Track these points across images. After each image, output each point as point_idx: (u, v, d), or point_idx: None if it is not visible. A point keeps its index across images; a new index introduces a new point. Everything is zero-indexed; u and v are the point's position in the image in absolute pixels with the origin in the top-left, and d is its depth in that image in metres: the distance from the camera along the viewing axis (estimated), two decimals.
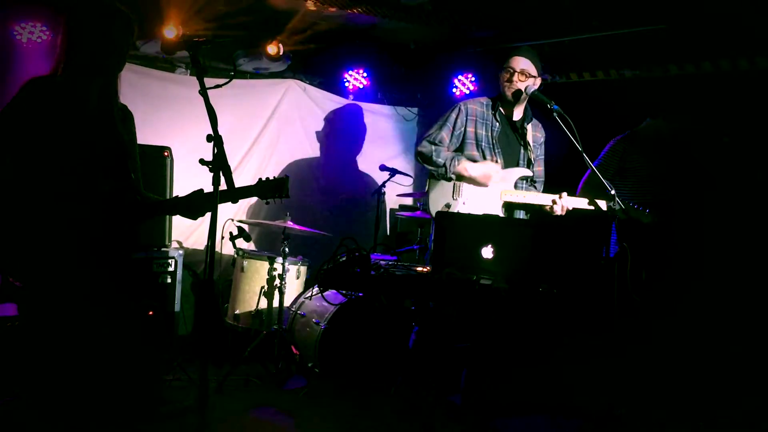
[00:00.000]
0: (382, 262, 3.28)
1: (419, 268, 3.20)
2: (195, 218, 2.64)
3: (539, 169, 3.96)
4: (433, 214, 3.75)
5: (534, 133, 3.97)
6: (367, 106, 6.55)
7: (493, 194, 3.77)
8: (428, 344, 3.63)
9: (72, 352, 2.28)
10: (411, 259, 5.22)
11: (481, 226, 3.13)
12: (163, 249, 4.56)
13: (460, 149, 3.86)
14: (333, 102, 6.38)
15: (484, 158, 3.82)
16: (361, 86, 6.30)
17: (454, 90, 6.10)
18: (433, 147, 3.79)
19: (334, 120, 6.38)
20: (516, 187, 3.83)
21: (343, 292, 4.15)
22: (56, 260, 2.24)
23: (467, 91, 6.06)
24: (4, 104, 2.36)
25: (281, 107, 6.07)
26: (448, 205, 3.76)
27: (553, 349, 4.10)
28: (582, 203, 3.69)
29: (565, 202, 3.66)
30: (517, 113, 3.92)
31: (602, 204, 3.66)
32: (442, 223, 3.03)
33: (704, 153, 4.33)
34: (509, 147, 3.89)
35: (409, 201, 6.27)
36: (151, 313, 4.26)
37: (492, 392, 3.70)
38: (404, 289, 3.21)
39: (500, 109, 3.89)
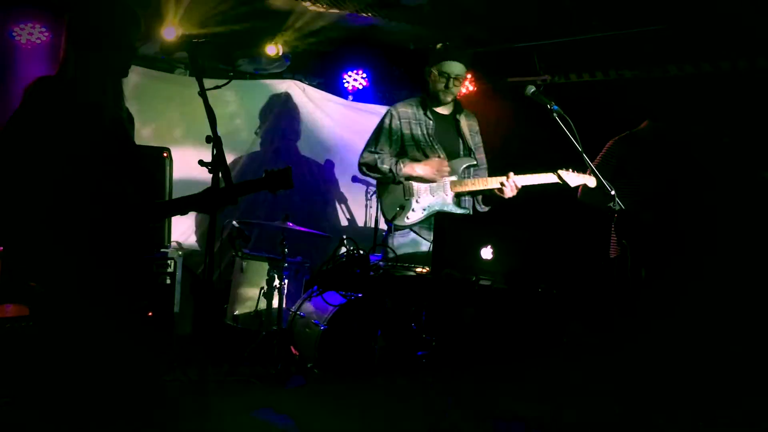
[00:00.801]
0: (381, 263, 3.28)
1: (419, 269, 3.20)
2: (212, 212, 2.61)
3: (481, 156, 4.04)
4: (389, 218, 3.80)
5: (469, 123, 4.05)
6: (366, 107, 6.55)
7: (443, 188, 3.83)
8: (425, 343, 3.63)
9: (81, 353, 2.27)
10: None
11: (480, 227, 3.14)
12: (162, 250, 4.56)
13: (402, 153, 3.92)
14: (332, 103, 6.38)
15: (426, 156, 3.87)
16: (360, 87, 6.30)
17: None
18: (376, 155, 3.87)
19: (333, 121, 6.37)
20: (462, 176, 3.89)
21: (343, 292, 4.17)
22: (75, 263, 2.23)
23: (466, 92, 6.05)
24: (3, 103, 2.34)
25: (280, 108, 6.07)
26: (402, 206, 3.82)
27: (553, 349, 4.10)
28: (532, 179, 3.75)
29: (514, 181, 3.72)
30: (447, 108, 4.01)
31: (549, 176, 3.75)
32: (442, 225, 3.03)
33: (704, 153, 4.32)
34: (448, 141, 3.96)
35: None
36: (150, 314, 4.26)
37: (490, 392, 3.70)
38: (403, 290, 3.21)
39: (430, 107, 3.97)
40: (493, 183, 3.78)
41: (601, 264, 4.20)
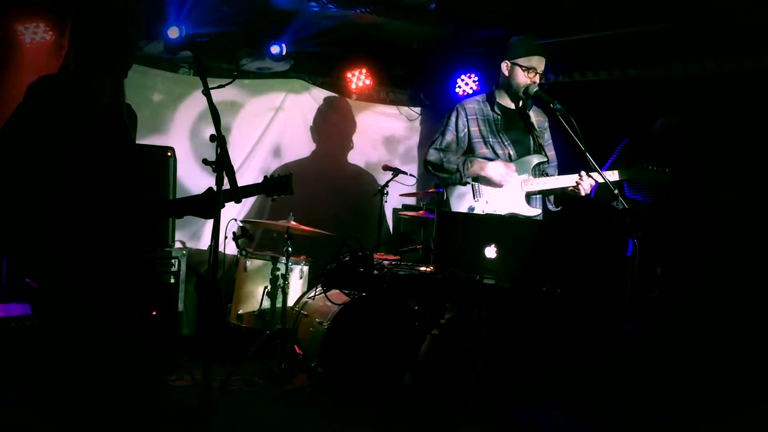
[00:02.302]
0: (386, 262, 3.28)
1: (422, 268, 3.19)
2: (208, 217, 2.62)
3: (551, 153, 3.93)
4: None
5: (537, 118, 3.94)
6: (370, 106, 6.55)
7: (514, 186, 3.74)
8: (434, 345, 3.63)
9: (82, 352, 2.27)
10: (414, 258, 5.21)
11: (484, 225, 3.13)
12: (166, 249, 4.56)
13: (469, 150, 3.83)
14: (336, 102, 6.38)
15: (495, 154, 3.78)
16: (364, 86, 6.30)
17: (457, 89, 6.09)
18: (442, 154, 3.76)
19: (337, 120, 6.38)
20: (533, 174, 3.80)
21: (347, 291, 4.17)
22: (71, 261, 2.23)
23: (470, 91, 6.05)
24: (7, 103, 2.34)
25: (284, 107, 6.08)
26: (471, 209, 3.72)
27: (557, 349, 4.09)
28: (605, 177, 3.58)
29: (589, 179, 3.65)
30: (515, 103, 3.89)
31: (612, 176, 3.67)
32: (446, 223, 3.03)
33: (707, 151, 4.31)
34: (517, 137, 3.85)
35: (412, 201, 6.27)
36: (154, 313, 4.27)
37: (494, 392, 3.70)
38: (407, 289, 3.21)
39: (498, 101, 3.86)
40: (567, 181, 3.71)
41: (607, 263, 4.20)
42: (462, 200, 3.74)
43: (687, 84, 4.91)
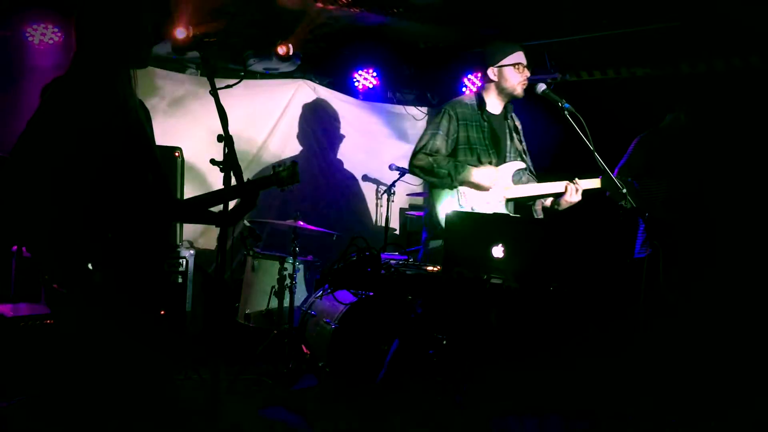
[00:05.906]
0: (393, 262, 3.28)
1: (430, 268, 3.19)
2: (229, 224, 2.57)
3: (528, 159, 3.86)
4: (444, 225, 3.67)
5: (516, 123, 3.90)
6: (376, 106, 6.55)
7: (496, 194, 3.68)
8: (437, 343, 3.62)
9: (92, 352, 2.27)
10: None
11: (491, 225, 3.13)
12: (174, 249, 4.58)
13: (452, 154, 3.74)
14: (343, 102, 6.39)
15: (479, 161, 3.71)
16: (370, 86, 6.30)
17: (464, 89, 6.09)
18: (431, 158, 3.66)
19: (343, 120, 6.38)
20: (514, 181, 3.75)
21: (354, 291, 4.17)
22: (97, 261, 2.23)
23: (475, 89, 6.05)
24: (14, 102, 2.32)
25: (291, 107, 6.09)
26: None
27: (564, 348, 4.08)
28: (594, 183, 3.58)
29: (579, 185, 3.57)
30: (499, 108, 3.84)
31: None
32: (453, 223, 3.03)
33: (715, 148, 4.29)
34: (499, 144, 3.80)
35: (418, 200, 6.27)
36: (162, 312, 4.28)
37: (500, 391, 3.69)
38: (414, 289, 3.21)
39: (487, 108, 3.79)
40: (551, 188, 3.61)
41: (615, 263, 4.18)
42: (448, 206, 3.66)
43: (695, 82, 4.90)
